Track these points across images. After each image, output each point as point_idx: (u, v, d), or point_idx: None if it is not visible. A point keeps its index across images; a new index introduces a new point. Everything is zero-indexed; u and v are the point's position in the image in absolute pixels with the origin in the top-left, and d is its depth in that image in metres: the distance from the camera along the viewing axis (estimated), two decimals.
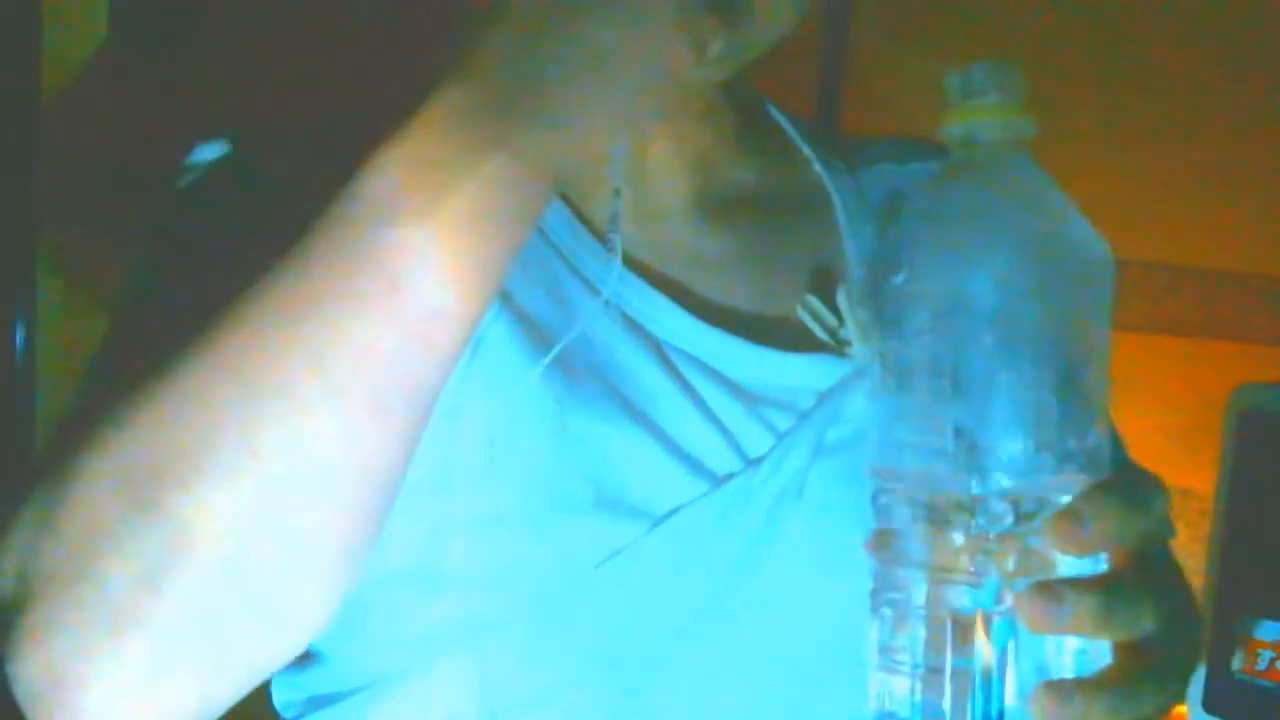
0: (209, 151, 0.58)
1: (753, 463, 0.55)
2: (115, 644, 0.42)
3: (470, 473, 0.52)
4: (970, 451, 0.41)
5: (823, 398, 0.57)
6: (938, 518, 0.41)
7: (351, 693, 0.57)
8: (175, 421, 0.42)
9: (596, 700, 0.54)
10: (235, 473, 0.41)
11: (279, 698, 0.62)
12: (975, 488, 0.40)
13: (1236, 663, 0.55)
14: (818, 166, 0.66)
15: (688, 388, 0.55)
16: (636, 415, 0.54)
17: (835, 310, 0.59)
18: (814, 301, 0.59)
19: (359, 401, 0.42)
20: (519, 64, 0.41)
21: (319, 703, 0.59)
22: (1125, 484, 0.41)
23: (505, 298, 0.54)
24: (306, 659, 0.59)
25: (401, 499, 0.45)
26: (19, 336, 1.00)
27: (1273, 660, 0.53)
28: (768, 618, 0.54)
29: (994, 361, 0.41)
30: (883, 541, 0.43)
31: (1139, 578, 0.41)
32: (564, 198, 0.57)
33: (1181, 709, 1.04)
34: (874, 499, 0.44)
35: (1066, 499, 0.41)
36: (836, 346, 0.58)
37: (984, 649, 0.40)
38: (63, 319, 1.19)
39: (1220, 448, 1.22)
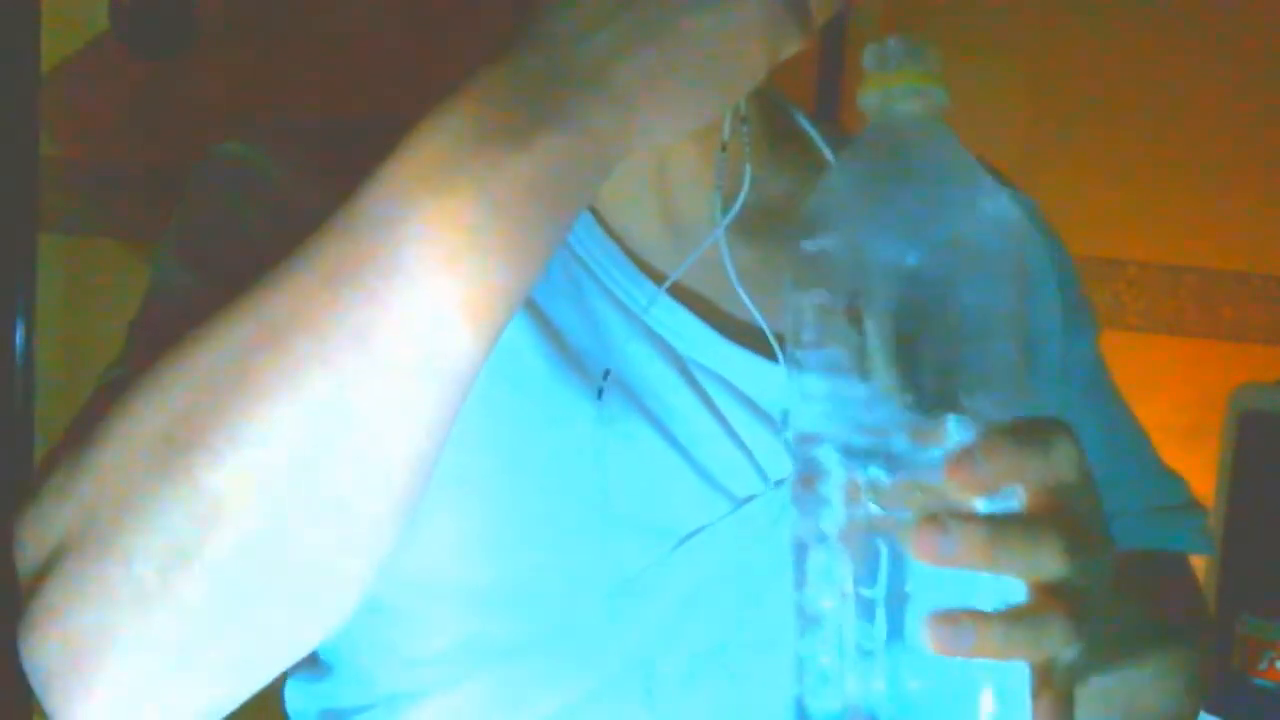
0: (228, 148, 0.57)
1: (773, 484, 0.54)
2: (141, 622, 0.40)
3: (489, 487, 0.52)
4: (882, 400, 0.41)
5: None
6: (853, 459, 0.41)
7: (366, 708, 0.56)
8: (209, 388, 0.40)
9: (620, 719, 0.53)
10: (269, 442, 0.39)
11: (292, 705, 0.61)
12: (893, 437, 0.40)
13: (1236, 662, 0.55)
14: None
15: (711, 406, 0.55)
16: (660, 432, 0.53)
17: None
18: None
19: (399, 372, 0.40)
20: (593, 42, 0.41)
21: (332, 715, 0.58)
22: (1024, 426, 0.40)
23: (531, 308, 0.53)
24: (324, 669, 0.58)
25: (423, 511, 0.44)
26: (19, 336, 1.00)
27: (1273, 660, 0.53)
28: (789, 637, 0.54)
29: (904, 319, 0.41)
30: (806, 485, 0.42)
31: (1044, 518, 0.39)
32: (592, 211, 0.56)
33: None
34: (794, 449, 0.43)
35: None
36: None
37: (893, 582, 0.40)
38: (63, 319, 1.19)
39: (1220, 448, 1.22)
